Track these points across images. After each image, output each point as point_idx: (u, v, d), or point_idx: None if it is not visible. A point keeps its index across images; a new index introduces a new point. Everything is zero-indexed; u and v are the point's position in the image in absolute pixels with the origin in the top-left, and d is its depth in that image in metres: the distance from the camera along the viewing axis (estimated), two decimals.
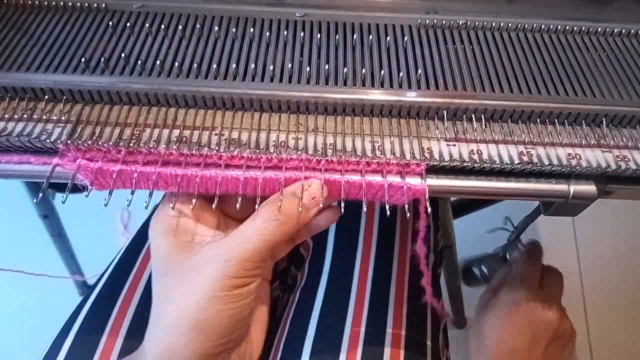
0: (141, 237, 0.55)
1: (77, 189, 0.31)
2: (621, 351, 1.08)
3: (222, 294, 0.29)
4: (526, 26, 0.40)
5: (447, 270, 0.88)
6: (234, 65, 0.35)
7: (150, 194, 0.30)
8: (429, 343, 0.48)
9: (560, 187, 0.32)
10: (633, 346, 1.08)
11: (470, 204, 0.77)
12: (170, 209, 0.31)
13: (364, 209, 0.31)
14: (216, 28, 0.38)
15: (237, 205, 0.30)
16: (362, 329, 0.46)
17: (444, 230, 0.71)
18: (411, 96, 0.34)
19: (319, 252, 0.54)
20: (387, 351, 0.45)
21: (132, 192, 0.30)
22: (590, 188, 0.32)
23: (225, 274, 0.29)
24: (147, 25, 0.38)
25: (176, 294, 0.30)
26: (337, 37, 0.38)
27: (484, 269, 0.64)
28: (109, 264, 0.53)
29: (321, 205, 0.31)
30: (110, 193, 0.30)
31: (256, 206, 0.30)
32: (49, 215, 0.82)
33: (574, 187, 0.32)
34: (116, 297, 0.47)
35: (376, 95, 0.34)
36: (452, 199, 0.74)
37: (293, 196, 0.30)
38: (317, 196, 0.30)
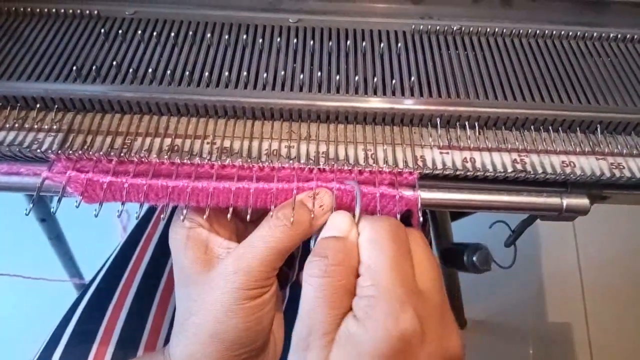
0: (133, 240, 0.54)
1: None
2: (621, 351, 1.08)
3: (236, 307, 0.29)
4: (521, 31, 0.40)
5: (446, 272, 0.88)
6: (227, 73, 0.34)
7: (141, 205, 0.30)
8: None
9: (553, 200, 0.32)
10: (633, 346, 1.08)
11: None
12: (185, 220, 0.31)
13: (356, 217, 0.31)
14: (209, 35, 0.37)
15: (248, 217, 0.30)
16: None
17: (442, 232, 0.70)
18: (405, 104, 0.34)
19: (308, 248, 0.55)
20: None
21: (123, 203, 0.30)
22: (583, 202, 0.32)
23: (235, 286, 0.29)
24: (140, 32, 0.37)
25: (196, 307, 0.30)
26: (330, 43, 0.38)
27: (474, 259, 0.62)
28: (100, 268, 0.53)
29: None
30: (101, 204, 0.30)
31: (270, 213, 0.30)
32: (47, 219, 0.82)
33: (566, 201, 0.32)
34: (107, 305, 0.47)
35: (369, 102, 0.34)
36: None
37: (301, 204, 0.30)
38: (325, 204, 0.31)
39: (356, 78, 0.35)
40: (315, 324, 0.26)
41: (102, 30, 0.37)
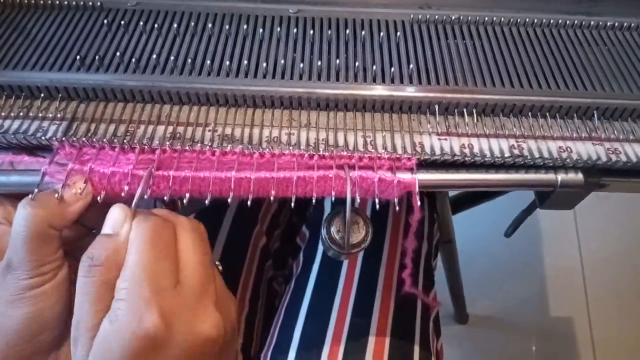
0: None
1: None
2: (623, 347, 1.08)
3: (14, 298, 0.28)
4: (519, 20, 0.40)
5: (447, 265, 0.88)
6: (227, 62, 0.35)
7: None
8: (417, 332, 0.48)
9: (548, 176, 0.32)
10: (635, 342, 1.08)
11: (469, 198, 0.77)
12: None
13: (357, 201, 0.31)
14: (210, 25, 0.38)
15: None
16: (347, 321, 0.47)
17: (443, 225, 0.71)
18: (404, 91, 0.34)
19: (313, 242, 0.55)
20: (371, 340, 0.45)
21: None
22: (577, 176, 0.32)
23: (10, 278, 0.28)
24: (142, 23, 0.38)
25: None
26: (329, 32, 0.38)
27: None
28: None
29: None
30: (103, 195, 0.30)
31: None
32: None
33: (561, 176, 0.32)
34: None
35: (368, 90, 0.34)
36: (451, 194, 0.74)
37: (52, 191, 0.30)
38: (80, 190, 0.30)
39: (355, 66, 0.35)
40: (80, 320, 0.27)
41: (105, 21, 0.38)
